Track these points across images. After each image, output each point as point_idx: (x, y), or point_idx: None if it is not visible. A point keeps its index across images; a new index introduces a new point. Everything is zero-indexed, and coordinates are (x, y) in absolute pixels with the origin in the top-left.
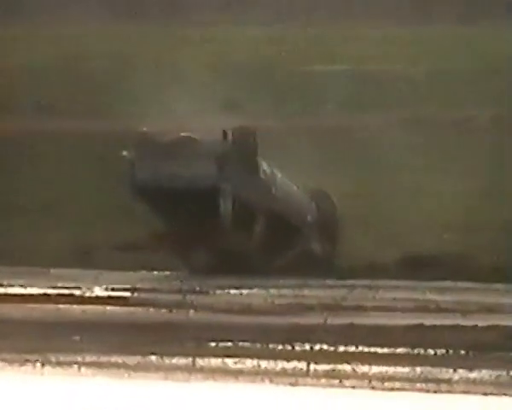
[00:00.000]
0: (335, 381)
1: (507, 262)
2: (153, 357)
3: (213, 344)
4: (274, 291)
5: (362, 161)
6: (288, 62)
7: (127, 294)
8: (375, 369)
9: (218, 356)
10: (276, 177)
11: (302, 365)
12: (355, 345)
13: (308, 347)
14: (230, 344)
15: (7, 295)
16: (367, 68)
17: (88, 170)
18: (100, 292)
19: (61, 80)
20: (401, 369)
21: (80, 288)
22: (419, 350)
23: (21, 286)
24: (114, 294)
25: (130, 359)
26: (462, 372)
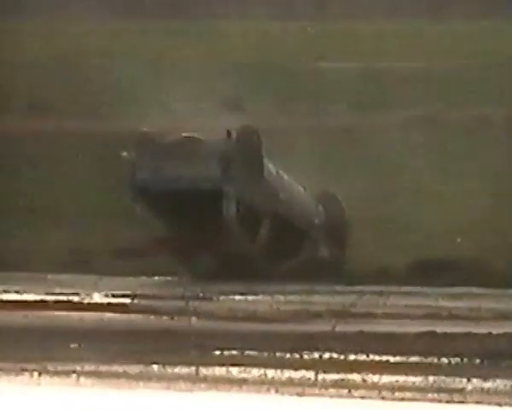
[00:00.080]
0: (344, 391)
1: None
2: (154, 366)
3: (217, 353)
4: (280, 297)
5: (371, 162)
6: (292, 60)
7: (127, 300)
8: (386, 378)
9: (223, 365)
10: (282, 178)
11: (310, 374)
12: (365, 353)
13: (316, 355)
14: (235, 353)
15: (2, 301)
16: (376, 66)
17: (87, 170)
18: (99, 298)
19: (61, 80)
20: (412, 378)
21: (79, 294)
22: (432, 359)
23: (17, 292)
24: (114, 300)
25: (130, 368)
26: (475, 382)
